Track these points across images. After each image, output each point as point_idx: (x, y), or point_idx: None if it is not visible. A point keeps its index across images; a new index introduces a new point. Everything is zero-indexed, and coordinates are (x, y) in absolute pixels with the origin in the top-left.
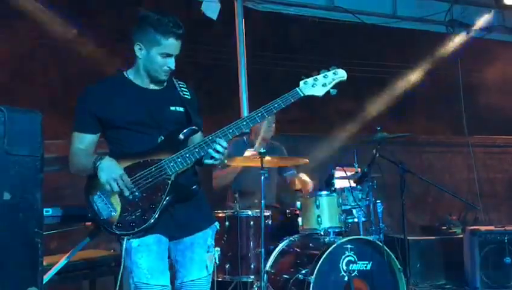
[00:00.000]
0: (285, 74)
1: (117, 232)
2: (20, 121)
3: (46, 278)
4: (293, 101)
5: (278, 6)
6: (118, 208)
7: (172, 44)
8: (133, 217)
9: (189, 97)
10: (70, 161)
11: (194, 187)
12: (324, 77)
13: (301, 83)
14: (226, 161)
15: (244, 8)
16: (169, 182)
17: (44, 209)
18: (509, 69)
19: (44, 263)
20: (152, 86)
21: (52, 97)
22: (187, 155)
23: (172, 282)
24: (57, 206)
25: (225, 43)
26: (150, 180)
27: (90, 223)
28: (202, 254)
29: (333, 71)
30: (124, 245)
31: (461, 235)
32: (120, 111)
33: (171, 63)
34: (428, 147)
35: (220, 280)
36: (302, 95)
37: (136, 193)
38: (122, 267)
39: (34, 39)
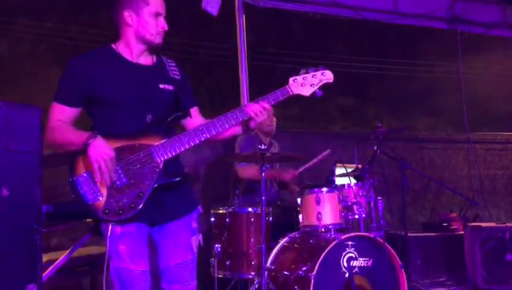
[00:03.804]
0: (285, 70)
1: (104, 218)
2: (19, 117)
3: (46, 275)
4: (282, 99)
5: (278, 2)
6: (104, 193)
7: (159, 1)
8: (120, 204)
9: (178, 78)
10: (48, 133)
11: (180, 178)
12: (313, 77)
13: (290, 80)
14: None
15: (244, 4)
16: (158, 170)
17: (45, 206)
18: (511, 65)
19: (44, 260)
20: (141, 61)
21: (52, 94)
22: (176, 144)
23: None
24: (57, 203)
25: (225, 39)
26: (138, 166)
27: (90, 219)
28: (187, 237)
29: (321, 72)
30: (109, 231)
31: (462, 232)
32: (107, 86)
33: (164, 23)
34: (428, 143)
35: (220, 276)
36: (292, 94)
37: (124, 179)
38: (107, 254)
39: (35, 36)
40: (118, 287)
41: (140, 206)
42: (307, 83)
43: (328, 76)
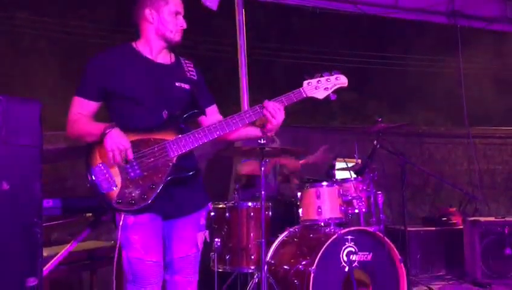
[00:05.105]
0: (285, 65)
1: (117, 208)
2: (19, 111)
3: (47, 268)
4: (295, 100)
5: None
6: (119, 183)
7: (178, 1)
8: (133, 194)
9: (195, 78)
10: (69, 125)
11: (193, 172)
12: (327, 80)
13: (305, 83)
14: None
15: None
16: (171, 164)
17: (45, 201)
18: (510, 60)
19: (44, 254)
20: (160, 59)
21: (52, 88)
22: (190, 140)
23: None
24: (58, 198)
25: (225, 34)
26: (152, 159)
27: (90, 214)
28: (193, 232)
29: (335, 76)
30: (121, 221)
31: (461, 226)
32: (127, 82)
33: (183, 21)
34: (428, 138)
35: (220, 270)
36: (305, 96)
37: (138, 171)
38: (118, 245)
39: (34, 31)
40: (130, 278)
41: (152, 198)
42: (320, 87)
43: (342, 80)
